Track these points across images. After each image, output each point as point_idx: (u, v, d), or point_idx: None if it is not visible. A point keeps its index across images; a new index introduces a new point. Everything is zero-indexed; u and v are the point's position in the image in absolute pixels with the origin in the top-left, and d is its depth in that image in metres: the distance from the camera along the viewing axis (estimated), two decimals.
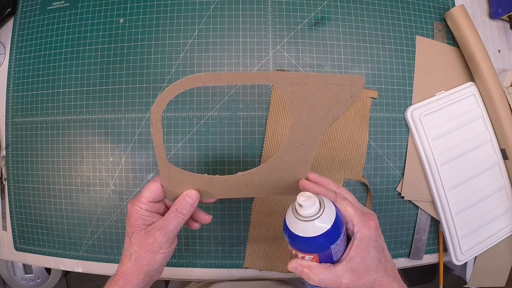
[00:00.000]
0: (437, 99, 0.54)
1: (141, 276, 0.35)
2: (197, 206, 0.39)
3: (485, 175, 0.55)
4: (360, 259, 0.32)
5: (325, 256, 0.32)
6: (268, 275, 0.53)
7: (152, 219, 0.36)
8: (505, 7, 0.56)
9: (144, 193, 0.36)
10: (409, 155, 0.54)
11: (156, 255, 0.35)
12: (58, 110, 0.55)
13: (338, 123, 0.53)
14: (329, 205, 0.32)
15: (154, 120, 0.32)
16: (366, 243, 0.32)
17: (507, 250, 0.57)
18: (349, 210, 0.33)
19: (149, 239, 0.35)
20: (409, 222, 0.55)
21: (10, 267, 0.79)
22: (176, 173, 0.36)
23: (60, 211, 0.55)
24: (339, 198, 0.34)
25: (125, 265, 0.35)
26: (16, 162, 0.56)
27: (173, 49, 0.53)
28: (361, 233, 0.32)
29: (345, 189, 0.37)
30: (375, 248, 0.33)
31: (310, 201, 0.30)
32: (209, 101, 0.52)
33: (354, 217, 0.33)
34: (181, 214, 0.36)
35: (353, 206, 0.34)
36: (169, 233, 0.35)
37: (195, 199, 0.37)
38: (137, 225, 0.35)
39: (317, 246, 0.31)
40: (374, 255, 0.32)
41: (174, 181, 0.36)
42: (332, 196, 0.34)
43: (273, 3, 0.54)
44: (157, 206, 0.37)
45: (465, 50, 0.54)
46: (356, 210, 0.33)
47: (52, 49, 0.55)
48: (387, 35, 0.55)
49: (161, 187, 0.37)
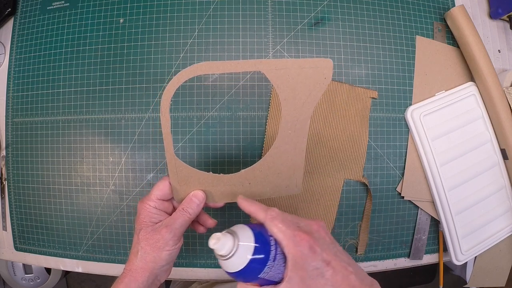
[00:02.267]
0: (437, 99, 0.54)
1: (147, 274, 0.35)
2: (204, 211, 0.40)
3: (485, 175, 0.55)
4: (299, 278, 0.31)
5: (263, 281, 0.32)
6: None
7: (160, 217, 0.37)
8: (505, 7, 0.56)
9: (153, 191, 0.37)
10: (409, 155, 0.54)
11: (161, 252, 0.35)
12: (58, 110, 0.55)
13: (338, 123, 0.53)
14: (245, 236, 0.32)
15: (163, 108, 0.34)
16: (301, 264, 0.31)
17: (507, 250, 0.57)
18: (277, 232, 0.32)
19: (156, 236, 0.35)
20: (409, 222, 0.55)
21: (10, 267, 0.79)
22: (183, 169, 0.37)
23: (60, 211, 0.55)
24: (268, 218, 0.33)
25: (131, 262, 0.36)
26: (16, 162, 0.56)
27: (173, 49, 0.53)
28: (292, 254, 0.31)
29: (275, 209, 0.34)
30: (313, 267, 0.30)
31: (220, 242, 0.31)
32: (209, 101, 0.52)
33: (283, 239, 0.31)
34: (187, 213, 0.37)
35: (280, 228, 0.32)
36: (175, 231, 0.36)
37: (201, 199, 0.38)
38: (145, 222, 0.36)
39: (249, 275, 0.32)
40: (314, 273, 0.30)
41: (181, 178, 0.38)
42: (262, 215, 0.33)
43: (273, 3, 0.54)
44: (165, 204, 0.38)
45: (465, 50, 0.54)
46: (287, 229, 0.32)
47: (52, 49, 0.55)
48: (387, 35, 0.55)
49: (169, 185, 0.38)
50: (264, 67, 0.34)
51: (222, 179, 0.39)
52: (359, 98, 0.53)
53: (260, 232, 0.33)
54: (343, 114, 0.53)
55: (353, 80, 0.54)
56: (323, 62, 0.35)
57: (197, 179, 0.38)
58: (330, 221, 0.53)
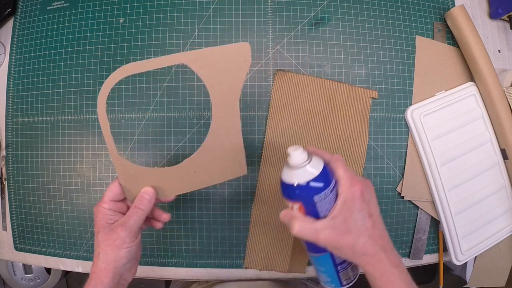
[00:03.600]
0: (437, 99, 0.54)
1: (110, 274, 0.36)
2: (157, 206, 0.42)
3: (485, 175, 0.55)
4: (343, 218, 0.33)
5: (310, 208, 0.34)
6: (268, 275, 0.53)
7: (115, 218, 0.38)
8: (505, 7, 0.56)
9: (105, 193, 0.39)
10: (409, 155, 0.54)
11: (120, 250, 0.36)
12: (58, 110, 0.55)
13: (338, 123, 0.53)
14: (317, 160, 0.35)
15: (100, 110, 0.35)
16: (349, 205, 0.33)
17: (507, 250, 0.57)
18: (339, 171, 0.35)
19: (113, 235, 0.36)
20: (409, 222, 0.55)
21: (10, 267, 0.79)
22: (130, 168, 0.39)
23: (60, 211, 0.55)
24: (334, 159, 0.36)
25: (95, 265, 0.37)
26: (16, 162, 0.56)
27: (173, 49, 0.53)
28: (345, 194, 0.33)
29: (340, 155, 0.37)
30: (359, 211, 0.33)
31: (298, 151, 0.34)
32: (209, 101, 0.52)
33: (342, 178, 0.34)
34: (139, 210, 0.38)
35: (344, 168, 0.35)
36: (130, 228, 0.37)
37: (151, 195, 0.39)
38: (101, 224, 0.38)
39: (301, 193, 0.34)
40: (358, 218, 0.33)
41: (130, 177, 0.39)
42: (327, 156, 0.37)
43: (273, 3, 0.54)
44: (118, 205, 0.40)
45: (465, 50, 0.54)
46: (346, 172, 0.35)
47: (52, 49, 0.55)
48: (387, 35, 0.55)
49: (120, 186, 0.39)
50: (187, 59, 0.36)
51: (168, 172, 0.40)
52: (359, 98, 0.53)
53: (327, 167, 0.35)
54: (343, 114, 0.53)
55: (353, 80, 0.54)
56: (241, 46, 0.37)
57: (146, 176, 0.39)
58: None
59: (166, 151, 0.52)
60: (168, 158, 0.52)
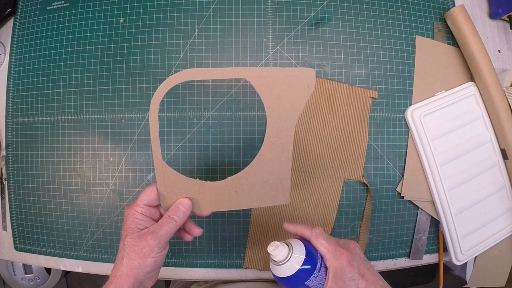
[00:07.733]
0: (437, 99, 0.54)
1: (131, 280, 0.35)
2: (190, 219, 0.41)
3: (485, 175, 0.55)
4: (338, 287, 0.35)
5: None
6: (268, 275, 0.53)
7: (146, 224, 0.37)
8: (505, 7, 0.56)
9: (141, 196, 0.38)
10: (409, 155, 0.54)
11: (146, 259, 0.35)
12: (58, 110, 0.55)
13: (338, 123, 0.53)
14: (298, 247, 0.37)
15: (152, 112, 0.35)
16: (340, 275, 0.35)
17: (507, 250, 0.57)
18: (322, 246, 0.37)
19: (141, 243, 0.35)
20: (409, 222, 0.55)
21: (10, 267, 0.79)
22: (170, 174, 0.37)
23: (60, 211, 0.55)
24: (314, 235, 0.38)
25: (117, 268, 0.36)
26: (16, 162, 0.56)
27: (173, 49, 0.53)
28: (333, 267, 0.35)
29: (319, 227, 0.39)
30: (351, 279, 0.35)
31: (277, 249, 0.36)
32: (209, 101, 0.52)
33: (326, 253, 0.36)
34: (173, 221, 0.37)
35: (325, 241, 0.37)
36: (160, 238, 0.36)
37: (187, 207, 0.38)
38: (131, 228, 0.36)
39: (295, 282, 0.36)
40: (351, 284, 0.35)
41: (168, 184, 0.38)
42: (307, 233, 0.38)
43: (273, 3, 0.54)
44: (152, 210, 0.38)
45: (465, 50, 0.54)
46: (329, 245, 0.36)
47: (52, 49, 0.55)
48: (387, 35, 0.55)
49: (157, 191, 0.38)
50: (249, 74, 0.36)
51: (209, 187, 0.39)
52: (359, 98, 0.53)
53: (309, 247, 0.37)
54: (343, 114, 0.53)
55: (353, 80, 0.54)
56: (306, 72, 0.36)
57: (184, 186, 0.38)
58: (330, 221, 0.53)
59: (166, 151, 0.52)
60: (168, 158, 0.52)
